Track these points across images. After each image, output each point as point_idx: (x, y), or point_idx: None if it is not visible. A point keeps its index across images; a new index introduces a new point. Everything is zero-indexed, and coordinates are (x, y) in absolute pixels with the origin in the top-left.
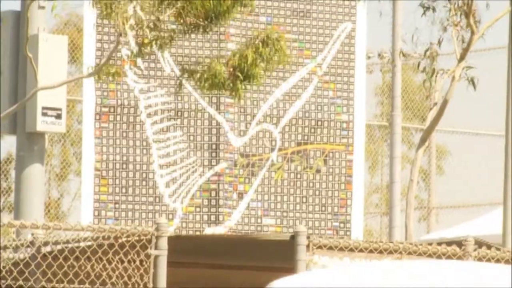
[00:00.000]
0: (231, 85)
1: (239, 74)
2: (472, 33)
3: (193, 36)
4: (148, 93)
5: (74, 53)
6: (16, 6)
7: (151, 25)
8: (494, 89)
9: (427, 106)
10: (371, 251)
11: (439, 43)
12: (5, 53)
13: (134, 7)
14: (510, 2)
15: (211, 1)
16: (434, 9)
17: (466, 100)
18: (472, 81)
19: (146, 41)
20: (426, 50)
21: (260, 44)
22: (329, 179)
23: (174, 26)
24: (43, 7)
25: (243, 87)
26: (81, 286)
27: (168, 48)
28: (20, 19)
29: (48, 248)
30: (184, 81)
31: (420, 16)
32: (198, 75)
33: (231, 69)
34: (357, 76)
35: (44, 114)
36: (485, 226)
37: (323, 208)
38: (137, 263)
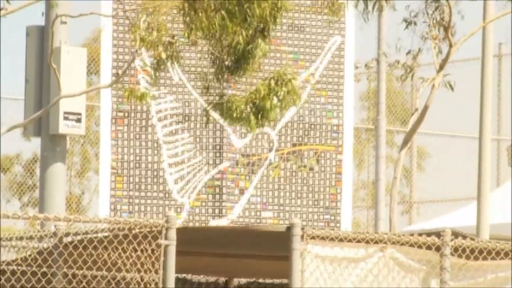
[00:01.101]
0: (246, 118)
1: (252, 108)
2: (450, 45)
3: (198, 48)
4: (159, 99)
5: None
6: (41, 22)
7: (166, 43)
8: (469, 96)
9: (408, 110)
10: (358, 241)
11: (419, 52)
12: (30, 64)
13: (150, 26)
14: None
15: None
16: (415, 23)
17: (445, 106)
18: (449, 85)
19: (163, 55)
20: (408, 53)
21: (273, 82)
22: (321, 177)
23: (182, 39)
24: (65, 22)
25: (257, 121)
26: (99, 272)
27: (179, 63)
28: (44, 33)
29: (69, 239)
30: (190, 87)
31: (403, 30)
32: (219, 109)
33: (249, 105)
34: (346, 84)
35: (65, 118)
36: (461, 219)
37: (316, 203)
38: (149, 252)
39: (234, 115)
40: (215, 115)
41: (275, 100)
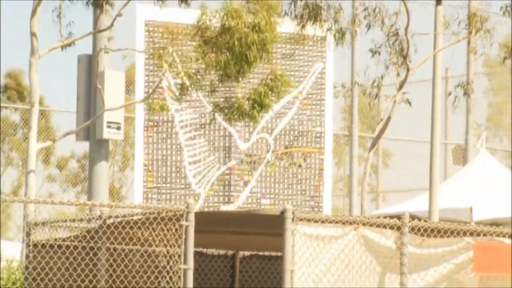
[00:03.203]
0: (250, 114)
1: (256, 106)
2: (407, 70)
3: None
4: (181, 112)
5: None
6: (89, 51)
7: (190, 73)
8: (423, 109)
9: (376, 120)
10: (337, 222)
11: (382, 78)
12: (81, 84)
13: (175, 59)
14: None
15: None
16: (379, 53)
17: (404, 117)
18: (408, 101)
19: (187, 83)
20: (373, 82)
21: (270, 79)
22: (307, 172)
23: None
24: (107, 52)
25: (259, 114)
26: (134, 247)
27: (201, 89)
28: (91, 60)
29: (111, 220)
30: (205, 102)
31: (370, 58)
32: (226, 110)
33: (251, 102)
34: (327, 100)
35: (108, 127)
36: (417, 205)
37: (303, 192)
38: (173, 231)
39: (240, 112)
40: (222, 121)
41: (271, 95)
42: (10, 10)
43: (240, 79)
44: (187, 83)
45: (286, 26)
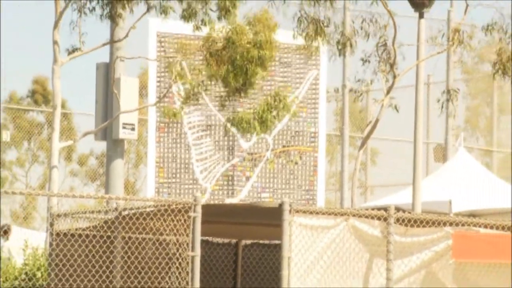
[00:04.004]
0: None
1: (257, 119)
2: (394, 77)
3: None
4: (189, 114)
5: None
6: (105, 58)
7: (198, 82)
8: (407, 112)
9: (365, 122)
10: (329, 214)
11: (371, 83)
12: (99, 89)
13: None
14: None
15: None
16: (369, 61)
17: (390, 119)
18: (395, 106)
19: (196, 90)
20: (360, 81)
21: (272, 100)
22: (303, 169)
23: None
24: (123, 60)
25: (260, 128)
26: (147, 235)
27: (205, 93)
28: (108, 68)
29: (126, 212)
30: (211, 106)
31: (361, 66)
32: (233, 123)
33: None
34: (321, 103)
35: (123, 128)
36: (401, 198)
37: (299, 187)
38: (182, 221)
39: (245, 125)
40: (228, 125)
41: (273, 113)
42: (36, 22)
43: (242, 93)
44: (196, 89)
45: (284, 35)
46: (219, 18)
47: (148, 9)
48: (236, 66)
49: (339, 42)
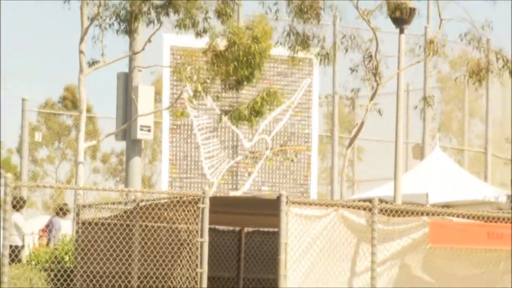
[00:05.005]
0: (249, 118)
1: (253, 112)
2: (377, 84)
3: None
4: (198, 117)
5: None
6: (124, 68)
7: (202, 80)
8: (390, 116)
9: (352, 124)
10: (321, 205)
11: (358, 90)
12: (119, 96)
13: (193, 74)
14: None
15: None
16: (356, 71)
17: (374, 122)
18: (379, 111)
19: (200, 89)
20: (352, 91)
21: (265, 94)
22: (298, 165)
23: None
24: (140, 70)
25: (256, 120)
26: (161, 224)
27: (210, 95)
28: (128, 77)
29: (143, 203)
30: (217, 110)
31: (349, 74)
32: (230, 114)
33: (250, 110)
34: (313, 108)
35: (141, 129)
36: (384, 191)
37: (295, 181)
38: (192, 211)
39: (240, 116)
40: (231, 125)
41: (266, 107)
42: (65, 37)
43: (245, 82)
44: (200, 88)
45: (279, 49)
46: (222, 22)
47: (157, 24)
48: (240, 61)
49: (319, 54)
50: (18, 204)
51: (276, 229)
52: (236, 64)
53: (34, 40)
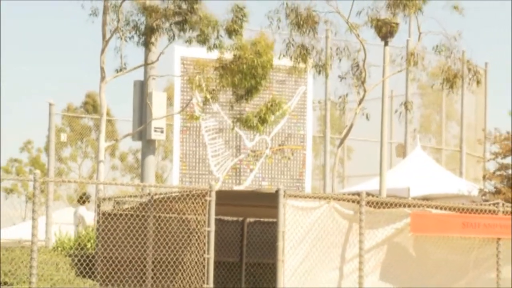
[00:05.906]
0: (256, 126)
1: (260, 120)
2: (364, 91)
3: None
4: (206, 120)
5: (173, 101)
6: (140, 76)
7: (211, 90)
8: (375, 119)
9: (342, 126)
10: (315, 198)
11: (346, 96)
12: (135, 101)
13: (202, 82)
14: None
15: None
16: (345, 78)
17: (362, 124)
18: (366, 115)
19: (209, 97)
20: (340, 97)
21: (270, 104)
22: (294, 163)
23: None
24: (154, 79)
25: (262, 126)
26: (173, 215)
27: (218, 102)
28: (143, 84)
29: (157, 196)
30: (223, 114)
31: (339, 81)
32: (240, 122)
33: (257, 118)
34: (308, 112)
35: (155, 131)
36: (371, 186)
37: (291, 177)
38: (200, 204)
39: (249, 124)
40: (236, 128)
41: (272, 115)
42: (87, 48)
43: (249, 95)
44: (209, 96)
45: (279, 59)
46: (229, 37)
47: (174, 39)
48: (244, 74)
49: (317, 65)
50: (81, 199)
51: (274, 220)
52: (241, 76)
53: (58, 52)
